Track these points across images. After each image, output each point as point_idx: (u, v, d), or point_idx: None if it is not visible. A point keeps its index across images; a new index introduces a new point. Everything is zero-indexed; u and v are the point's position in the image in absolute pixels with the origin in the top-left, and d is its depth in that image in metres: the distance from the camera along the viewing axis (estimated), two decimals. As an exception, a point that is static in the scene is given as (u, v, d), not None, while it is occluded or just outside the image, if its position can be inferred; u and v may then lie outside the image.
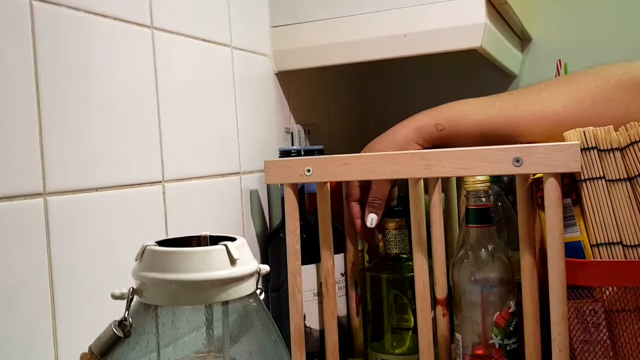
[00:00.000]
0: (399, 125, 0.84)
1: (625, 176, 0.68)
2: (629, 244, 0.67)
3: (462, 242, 0.77)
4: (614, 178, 0.68)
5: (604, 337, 0.68)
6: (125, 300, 0.53)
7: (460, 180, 0.86)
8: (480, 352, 0.76)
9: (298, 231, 0.79)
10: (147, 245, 0.54)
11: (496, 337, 0.74)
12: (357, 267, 0.90)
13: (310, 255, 0.84)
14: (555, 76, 1.11)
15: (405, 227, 0.86)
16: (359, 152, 0.79)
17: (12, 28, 0.59)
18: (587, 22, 1.28)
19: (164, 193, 0.78)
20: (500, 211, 0.85)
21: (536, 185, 0.71)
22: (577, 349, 0.70)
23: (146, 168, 0.75)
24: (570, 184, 0.70)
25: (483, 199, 0.75)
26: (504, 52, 1.15)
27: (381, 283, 0.86)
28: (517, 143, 0.76)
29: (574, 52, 1.22)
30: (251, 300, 0.55)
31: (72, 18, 0.66)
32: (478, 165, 0.69)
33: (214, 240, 0.57)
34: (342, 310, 0.85)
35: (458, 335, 0.77)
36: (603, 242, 0.68)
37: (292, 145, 1.09)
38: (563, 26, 1.30)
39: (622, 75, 0.74)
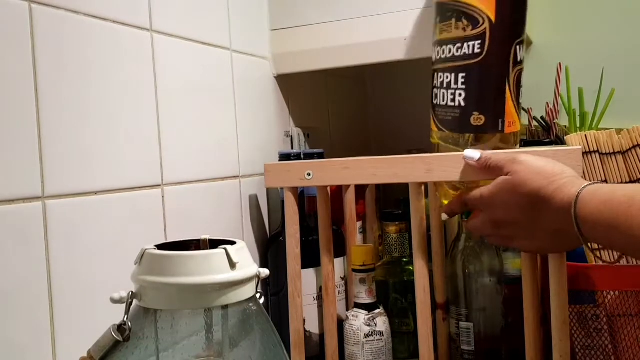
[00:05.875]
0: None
1: (627, 180, 0.67)
2: (630, 248, 0.67)
3: (458, 235, 0.80)
4: (616, 182, 0.68)
5: (606, 342, 0.68)
6: (125, 304, 0.53)
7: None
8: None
9: (298, 235, 0.79)
10: (146, 249, 0.54)
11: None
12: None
13: (310, 259, 0.84)
14: (556, 80, 1.11)
15: (406, 231, 0.85)
16: (359, 156, 0.79)
17: (12, 31, 0.59)
18: (587, 26, 1.28)
19: (163, 197, 0.77)
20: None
21: (537, 189, 0.71)
22: (579, 354, 0.69)
23: (145, 172, 0.75)
24: (572, 187, 0.70)
25: None
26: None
27: (382, 287, 0.85)
28: None
29: (574, 56, 1.22)
30: (251, 304, 0.55)
31: (72, 21, 0.65)
32: (479, 169, 0.69)
33: (214, 244, 0.57)
34: (342, 314, 0.84)
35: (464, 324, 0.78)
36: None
37: (292, 148, 1.09)
38: (563, 30, 1.30)
39: None
